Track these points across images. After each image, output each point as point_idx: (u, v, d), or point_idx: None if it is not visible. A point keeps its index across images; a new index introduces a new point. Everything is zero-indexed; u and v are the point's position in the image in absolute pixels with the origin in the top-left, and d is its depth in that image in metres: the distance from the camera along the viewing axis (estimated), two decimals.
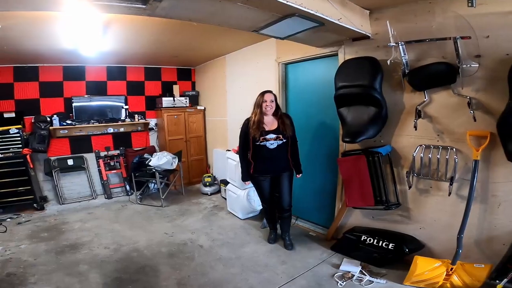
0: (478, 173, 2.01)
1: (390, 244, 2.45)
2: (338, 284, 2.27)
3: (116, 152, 4.97)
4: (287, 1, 1.78)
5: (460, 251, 2.04)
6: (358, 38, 2.62)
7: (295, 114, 3.17)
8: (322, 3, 2.03)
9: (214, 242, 3.09)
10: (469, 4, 1.78)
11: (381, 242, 2.50)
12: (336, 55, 2.87)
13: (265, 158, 2.68)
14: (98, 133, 4.83)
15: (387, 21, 2.23)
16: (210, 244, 3.04)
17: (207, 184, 4.82)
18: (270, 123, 2.70)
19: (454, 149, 2.16)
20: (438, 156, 2.23)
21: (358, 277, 2.32)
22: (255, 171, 2.75)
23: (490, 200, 2.05)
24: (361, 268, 2.41)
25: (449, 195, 2.18)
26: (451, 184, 2.15)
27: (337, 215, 2.97)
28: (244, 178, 2.84)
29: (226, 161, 3.97)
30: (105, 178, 4.74)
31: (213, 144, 5.34)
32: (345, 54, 2.77)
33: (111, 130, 4.89)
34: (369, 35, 2.54)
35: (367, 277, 2.30)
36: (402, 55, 2.25)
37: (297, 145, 2.82)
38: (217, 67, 4.94)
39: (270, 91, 2.70)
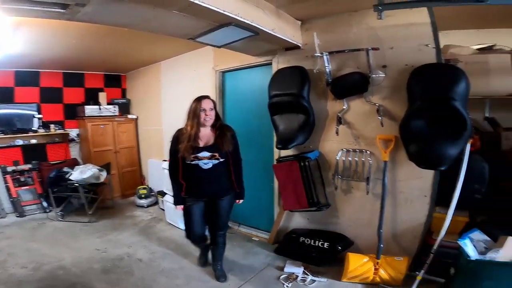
0: (388, 172, 2.28)
1: (325, 244, 2.59)
2: (285, 286, 2.33)
3: (28, 166, 4.29)
4: (224, 11, 1.81)
5: (382, 245, 2.24)
6: (290, 47, 2.76)
7: (233, 122, 3.15)
8: (257, 13, 2.11)
9: (154, 254, 2.92)
10: (378, 17, 1.84)
11: (317, 242, 2.64)
12: (271, 64, 3.00)
13: (199, 178, 2.20)
14: (3, 145, 4.12)
15: (314, 32, 2.41)
16: (149, 257, 2.86)
17: (143, 196, 4.52)
18: (206, 137, 2.22)
19: (368, 151, 2.44)
20: (356, 158, 2.49)
21: (302, 277, 2.42)
22: (188, 193, 2.25)
23: (399, 197, 2.34)
24: (304, 269, 2.51)
25: (367, 194, 2.43)
26: (367, 184, 2.41)
27: (276, 219, 3.07)
28: (176, 202, 2.30)
29: (162, 172, 3.77)
30: (14, 195, 4.05)
31: (147, 154, 5.03)
32: (278, 63, 2.91)
33: (20, 142, 4.21)
34: (300, 45, 2.71)
35: (310, 277, 2.41)
36: (326, 65, 2.43)
37: (241, 165, 2.36)
38: (151, 74, 4.70)
39: (207, 97, 2.21)
